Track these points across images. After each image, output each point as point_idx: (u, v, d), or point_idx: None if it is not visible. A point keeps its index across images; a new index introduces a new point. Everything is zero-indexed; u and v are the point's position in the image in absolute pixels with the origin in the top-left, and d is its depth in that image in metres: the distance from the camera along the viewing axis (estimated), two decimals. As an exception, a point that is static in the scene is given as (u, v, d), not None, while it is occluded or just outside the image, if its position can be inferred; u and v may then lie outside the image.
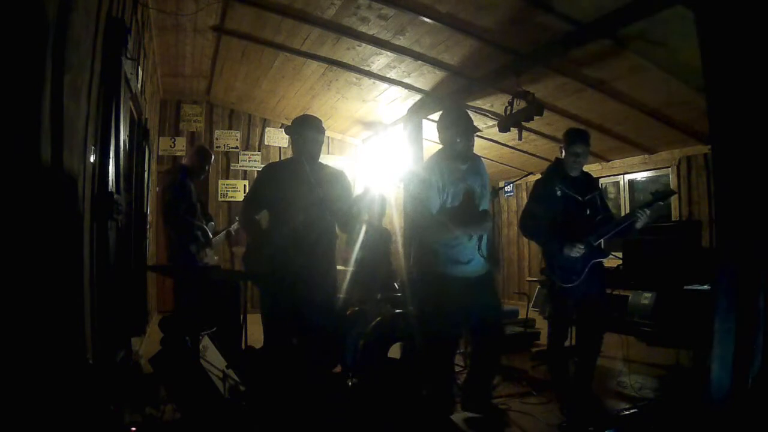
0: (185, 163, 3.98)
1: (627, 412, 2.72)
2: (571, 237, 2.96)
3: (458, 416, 2.90)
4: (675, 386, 3.39)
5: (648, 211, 2.95)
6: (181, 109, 7.04)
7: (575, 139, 3.07)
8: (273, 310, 2.81)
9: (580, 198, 3.05)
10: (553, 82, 4.66)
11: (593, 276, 3.01)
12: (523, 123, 4.37)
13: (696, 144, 5.59)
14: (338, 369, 3.40)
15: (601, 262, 3.11)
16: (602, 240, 3.06)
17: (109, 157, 2.41)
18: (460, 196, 2.80)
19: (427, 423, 2.86)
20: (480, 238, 2.83)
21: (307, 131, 2.80)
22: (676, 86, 4.30)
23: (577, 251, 2.93)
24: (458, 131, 2.78)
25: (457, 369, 3.51)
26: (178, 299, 3.84)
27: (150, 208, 4.61)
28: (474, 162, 2.91)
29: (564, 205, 3.03)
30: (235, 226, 4.41)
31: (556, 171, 3.13)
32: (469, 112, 2.97)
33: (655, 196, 3.03)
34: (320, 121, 2.87)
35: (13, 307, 1.36)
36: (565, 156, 3.08)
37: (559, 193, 3.03)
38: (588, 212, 3.08)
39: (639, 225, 2.96)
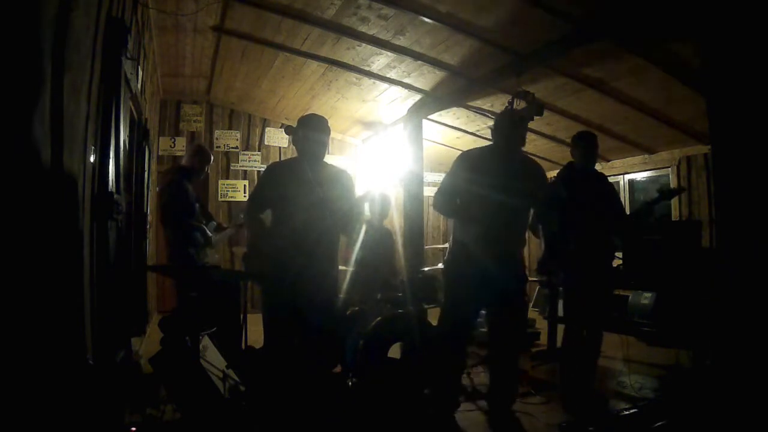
0: (184, 163, 3.95)
1: (627, 412, 2.73)
2: (581, 237, 3.00)
3: (460, 415, 2.91)
4: (675, 386, 3.39)
5: (655, 209, 3.02)
6: (181, 109, 7.03)
7: (585, 140, 3.19)
8: (273, 309, 2.81)
9: (591, 198, 3.10)
10: (553, 82, 4.66)
11: (601, 274, 3.05)
12: (523, 123, 4.37)
13: (696, 144, 5.59)
14: (338, 369, 3.40)
15: (609, 261, 3.15)
16: (611, 238, 3.10)
17: (109, 157, 2.41)
18: (489, 192, 2.77)
19: (427, 423, 2.87)
20: (498, 234, 2.78)
21: (311, 132, 2.79)
22: (676, 86, 4.30)
23: (585, 252, 2.98)
24: (500, 135, 2.85)
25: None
26: (182, 299, 3.82)
27: (150, 208, 4.60)
28: (517, 165, 2.87)
29: (575, 205, 3.07)
30: (241, 217, 4.36)
31: (567, 173, 3.20)
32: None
33: (662, 194, 3.08)
34: (325, 120, 2.85)
35: (13, 308, 1.36)
36: (576, 157, 3.16)
37: (570, 194, 3.08)
38: (598, 211, 3.11)
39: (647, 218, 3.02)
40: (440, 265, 3.06)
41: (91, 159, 2.22)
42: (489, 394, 2.99)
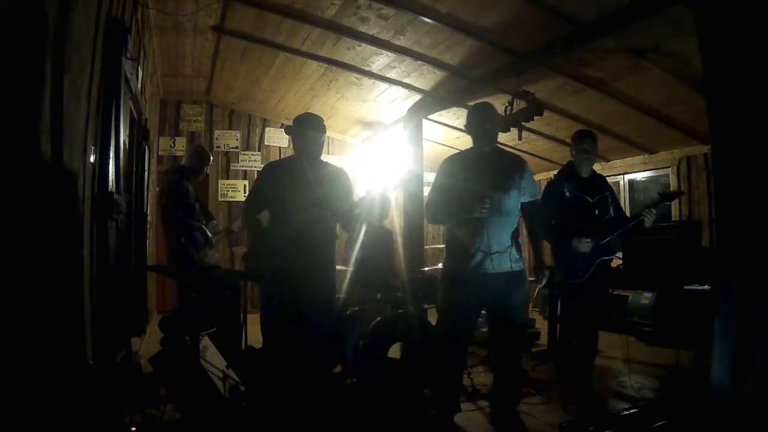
0: (183, 163, 3.95)
1: (627, 412, 2.73)
2: (579, 235, 3.00)
3: (460, 416, 2.90)
4: (675, 386, 3.39)
5: (654, 211, 3.00)
6: (181, 109, 7.03)
7: (584, 137, 3.17)
8: (273, 310, 2.81)
9: (589, 199, 3.10)
10: (553, 82, 4.66)
11: (599, 274, 3.05)
12: (523, 123, 4.37)
13: (696, 144, 5.59)
14: (338, 369, 3.41)
15: (608, 261, 3.15)
16: (610, 239, 3.09)
17: (109, 157, 2.41)
18: (466, 194, 2.71)
19: (427, 423, 2.86)
20: (485, 234, 2.68)
21: (307, 131, 2.79)
22: (676, 86, 4.30)
23: (585, 246, 2.97)
24: (472, 133, 2.78)
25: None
26: (181, 299, 3.82)
27: (150, 208, 4.60)
28: (497, 164, 2.76)
29: (574, 205, 3.08)
30: (237, 223, 4.37)
31: (567, 172, 3.20)
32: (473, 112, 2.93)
33: (662, 196, 3.08)
34: (321, 119, 2.86)
35: (13, 308, 1.36)
36: (575, 155, 3.16)
37: (568, 193, 3.08)
38: (597, 212, 3.11)
39: (647, 224, 3.01)
40: (440, 265, 3.03)
41: (91, 159, 2.23)
42: (492, 396, 2.98)
